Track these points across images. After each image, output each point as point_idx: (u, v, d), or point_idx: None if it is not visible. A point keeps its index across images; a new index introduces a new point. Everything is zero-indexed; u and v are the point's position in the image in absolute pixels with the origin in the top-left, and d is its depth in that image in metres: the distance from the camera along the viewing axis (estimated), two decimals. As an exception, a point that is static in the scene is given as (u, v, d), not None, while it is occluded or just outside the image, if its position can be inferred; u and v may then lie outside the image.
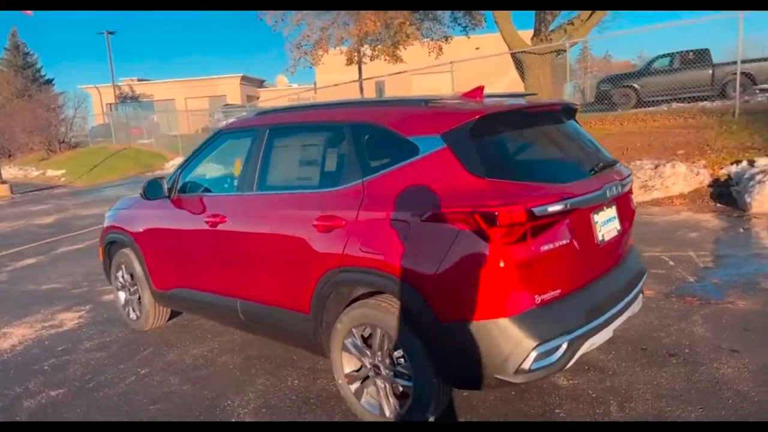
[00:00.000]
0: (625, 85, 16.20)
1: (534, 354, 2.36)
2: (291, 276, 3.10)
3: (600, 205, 2.75)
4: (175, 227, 3.92)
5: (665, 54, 19.33)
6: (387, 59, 15.92)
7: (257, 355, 3.90)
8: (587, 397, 3.00)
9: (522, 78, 12.91)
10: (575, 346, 2.49)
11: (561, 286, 2.52)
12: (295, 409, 3.13)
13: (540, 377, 2.52)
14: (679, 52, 18.30)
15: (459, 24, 16.09)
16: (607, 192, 2.76)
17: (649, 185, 8.38)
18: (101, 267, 5.01)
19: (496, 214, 2.32)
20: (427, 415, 2.65)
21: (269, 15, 14.89)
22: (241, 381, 3.53)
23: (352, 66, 17.82)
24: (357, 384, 2.92)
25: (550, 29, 12.76)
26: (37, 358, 4.22)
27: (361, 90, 19.66)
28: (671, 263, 5.20)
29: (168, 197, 3.94)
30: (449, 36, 16.39)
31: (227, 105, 43.25)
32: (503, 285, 2.36)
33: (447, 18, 15.74)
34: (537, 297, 2.42)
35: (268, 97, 47.64)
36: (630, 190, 3.15)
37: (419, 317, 2.51)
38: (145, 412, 3.25)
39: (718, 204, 7.73)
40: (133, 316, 4.61)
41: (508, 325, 2.36)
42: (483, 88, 3.02)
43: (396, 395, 2.77)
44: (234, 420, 3.08)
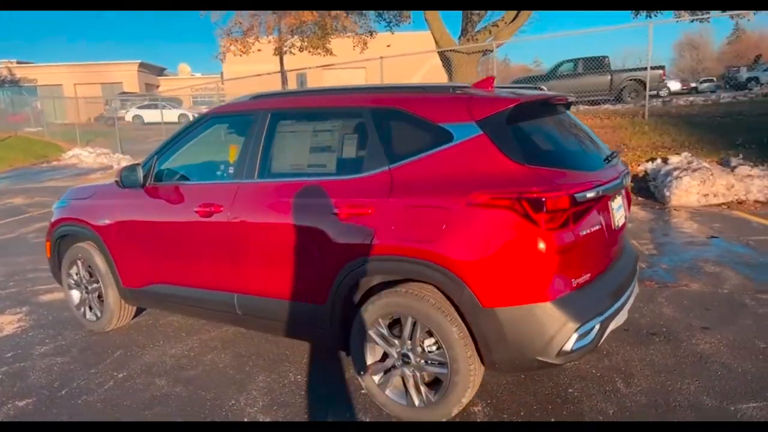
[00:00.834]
0: (534, 87, 17.22)
1: (575, 336, 2.45)
2: (305, 266, 2.98)
3: (616, 193, 2.90)
4: (153, 219, 3.62)
5: (569, 59, 20.80)
6: (311, 51, 15.68)
7: (246, 353, 3.71)
8: (593, 376, 3.15)
9: (450, 76, 13.24)
10: (604, 327, 2.62)
11: (591, 269, 2.63)
12: (310, 405, 3.02)
13: (575, 359, 2.62)
14: (582, 58, 19.76)
15: (384, 20, 16.21)
16: (623, 181, 2.92)
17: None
18: (30, 265, 4.52)
19: (543, 199, 2.38)
20: (462, 402, 2.66)
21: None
22: (239, 379, 3.35)
23: (261, 57, 17.20)
24: (380, 375, 2.87)
25: (476, 30, 13.19)
26: (-18, 367, 3.74)
27: (284, 82, 19.21)
28: (620, 251, 5.58)
29: (142, 186, 3.63)
30: (374, 31, 16.45)
31: (124, 93, 40.59)
32: (547, 269, 2.43)
33: (372, 13, 15.79)
34: (574, 280, 2.52)
35: (170, 87, 45.28)
36: None
37: (461, 303, 2.51)
38: (140, 417, 2.99)
39: (639, 197, 8.40)
40: (91, 316, 4.21)
41: (551, 309, 2.43)
42: (493, 78, 3.08)
43: (426, 384, 2.75)
44: (247, 420, 2.92)
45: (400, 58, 14.37)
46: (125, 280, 3.87)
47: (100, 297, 4.14)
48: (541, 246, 2.40)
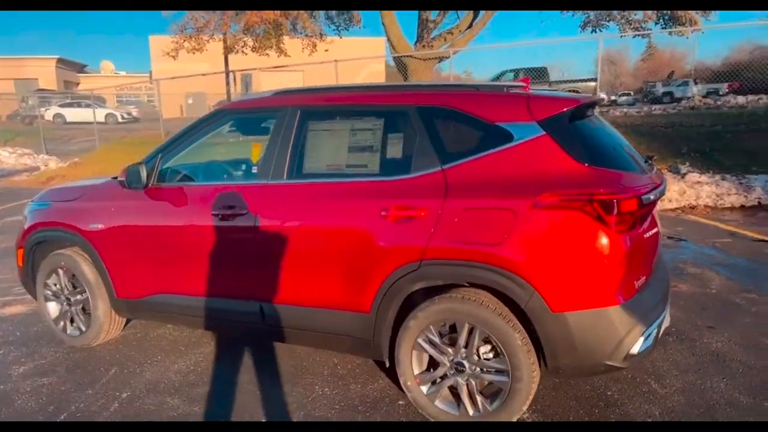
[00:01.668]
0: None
1: (641, 339, 2.44)
2: (347, 272, 2.81)
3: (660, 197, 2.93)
4: (160, 223, 3.31)
5: (511, 69, 21.57)
6: (260, 52, 15.26)
7: (258, 365, 3.46)
8: (626, 378, 3.17)
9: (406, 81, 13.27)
10: (659, 329, 2.63)
11: (645, 272, 2.64)
12: (350, 418, 2.85)
13: (637, 362, 2.61)
14: (523, 68, 20.53)
15: (333, 23, 16.05)
16: (664, 185, 2.96)
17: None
18: None
19: (615, 201, 2.35)
20: (523, 409, 2.59)
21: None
22: (260, 395, 3.11)
23: (193, 57, 16.42)
24: (428, 385, 2.75)
25: (431, 36, 13.31)
26: (-48, 391, 3.28)
27: (229, 82, 18.60)
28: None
29: (144, 187, 3.32)
30: (325, 34, 16.25)
31: (41, 90, 37.96)
32: (616, 272, 2.40)
33: (322, 15, 15.58)
34: (636, 283, 2.51)
35: (92, 85, 42.74)
36: None
37: (529, 309, 2.44)
38: (164, 441, 2.71)
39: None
40: (74, 330, 3.81)
41: (621, 312, 2.41)
42: (529, 80, 3.05)
43: (481, 392, 2.66)
44: (287, 438, 2.71)
45: (332, 65, 14.48)
46: (121, 290, 3.52)
47: (85, 309, 3.75)
48: (612, 248, 2.37)
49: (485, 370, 2.62)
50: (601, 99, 3.09)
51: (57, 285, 3.82)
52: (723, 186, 8.38)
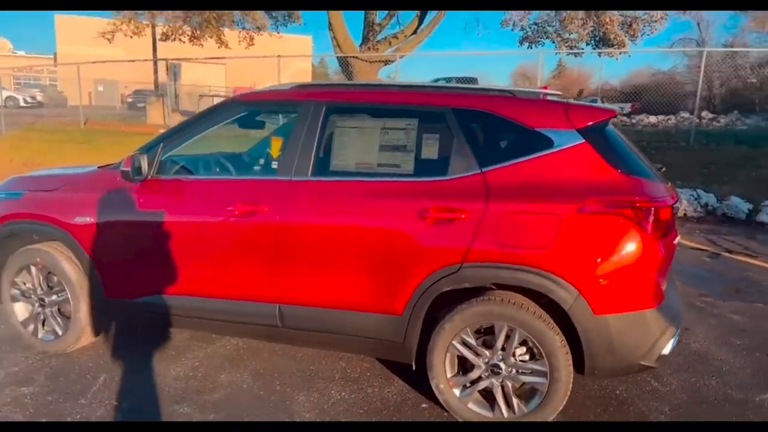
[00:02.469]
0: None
1: (672, 340, 2.58)
2: (379, 273, 2.75)
3: None
4: (164, 219, 3.08)
5: (445, 77, 22.15)
6: (194, 41, 14.64)
7: (264, 370, 3.31)
8: (628, 378, 3.32)
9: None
10: (679, 332, 2.79)
11: (666, 277, 2.79)
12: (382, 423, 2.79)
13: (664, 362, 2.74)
14: (455, 77, 21.14)
15: (272, 17, 15.69)
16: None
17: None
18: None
19: (653, 209, 2.48)
20: (559, 409, 2.65)
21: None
22: (277, 401, 2.98)
23: (103, 42, 15.39)
24: (461, 388, 2.75)
25: (377, 39, 13.35)
26: None
27: (157, 71, 17.68)
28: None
29: (143, 178, 3.08)
30: (262, 28, 15.86)
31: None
32: (653, 276, 2.53)
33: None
34: (663, 287, 2.65)
35: (-12, 65, 38.97)
36: None
37: (573, 311, 2.50)
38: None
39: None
40: (47, 335, 3.46)
41: (656, 315, 2.54)
42: (547, 87, 3.15)
43: (517, 394, 2.69)
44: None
45: (256, 62, 14.47)
46: (111, 290, 3.24)
47: (61, 311, 3.41)
48: (650, 254, 2.50)
49: (521, 371, 2.66)
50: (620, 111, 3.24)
51: (28, 284, 3.44)
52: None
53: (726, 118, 18.08)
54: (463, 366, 2.79)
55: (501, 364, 2.67)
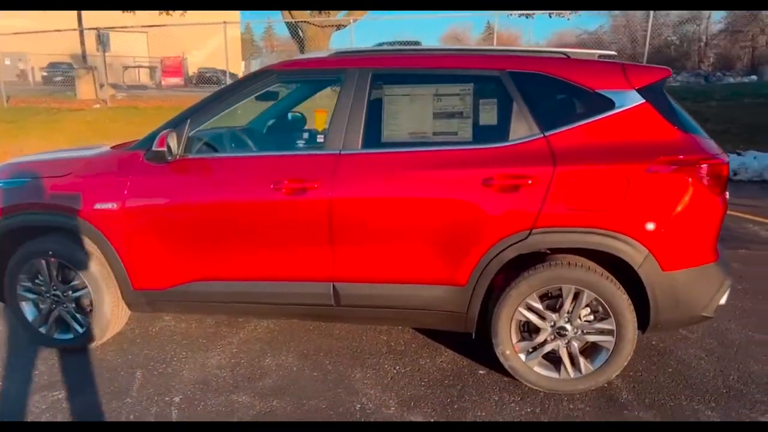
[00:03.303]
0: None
1: (728, 291, 2.70)
2: (441, 244, 2.70)
3: None
4: (200, 200, 2.87)
5: (388, 42, 21.93)
6: (122, 9, 13.62)
7: (308, 350, 3.22)
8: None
9: (301, 49, 12.78)
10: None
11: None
12: (445, 393, 2.78)
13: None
14: (398, 42, 20.94)
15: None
16: None
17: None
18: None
19: (717, 165, 2.55)
20: (622, 366, 2.72)
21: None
22: (335, 380, 2.91)
23: (10, 12, 14.13)
24: (526, 352, 2.78)
25: (327, 3, 12.90)
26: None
27: (84, 41, 16.40)
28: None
29: (170, 159, 2.85)
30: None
31: None
32: (714, 231, 2.62)
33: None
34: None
35: None
36: None
37: (643, 270, 2.56)
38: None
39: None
40: (62, 333, 3.19)
41: (716, 268, 2.65)
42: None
43: (581, 353, 2.75)
44: (399, 420, 2.57)
45: (182, 31, 13.81)
46: (140, 280, 3.01)
47: (80, 307, 3.15)
48: (713, 209, 2.58)
49: (587, 332, 2.71)
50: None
51: (38, 280, 3.14)
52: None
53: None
54: (526, 330, 2.80)
55: (567, 325, 2.70)
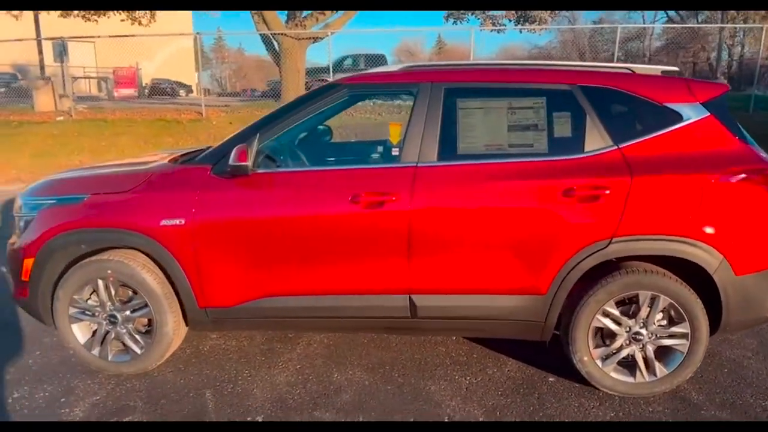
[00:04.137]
0: (321, 79, 17.71)
1: None
2: (521, 254, 2.75)
3: None
4: (275, 214, 2.83)
5: (350, 55, 22.02)
6: (84, 18, 13.18)
7: (370, 364, 3.20)
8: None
9: (276, 61, 12.69)
10: None
11: None
12: (520, 402, 2.82)
13: None
14: (363, 54, 21.02)
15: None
16: None
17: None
18: None
19: (781, 174, 2.71)
20: (696, 367, 2.83)
21: None
22: (413, 393, 2.90)
23: None
24: (602, 358, 2.85)
25: (303, 15, 12.88)
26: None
27: (42, 51, 15.77)
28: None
29: (247, 173, 2.80)
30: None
31: None
32: None
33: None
34: None
35: None
36: None
37: (717, 274, 2.68)
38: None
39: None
40: (119, 356, 3.06)
41: None
42: None
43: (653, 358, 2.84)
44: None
45: (135, 42, 14.15)
46: (206, 298, 2.92)
47: (138, 327, 3.03)
48: (776, 215, 2.73)
49: (661, 336, 2.81)
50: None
51: (91, 300, 3.01)
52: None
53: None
54: (600, 337, 2.88)
55: (642, 330, 2.79)
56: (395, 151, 2.95)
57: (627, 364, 2.87)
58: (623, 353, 2.84)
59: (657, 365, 2.82)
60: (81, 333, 3.05)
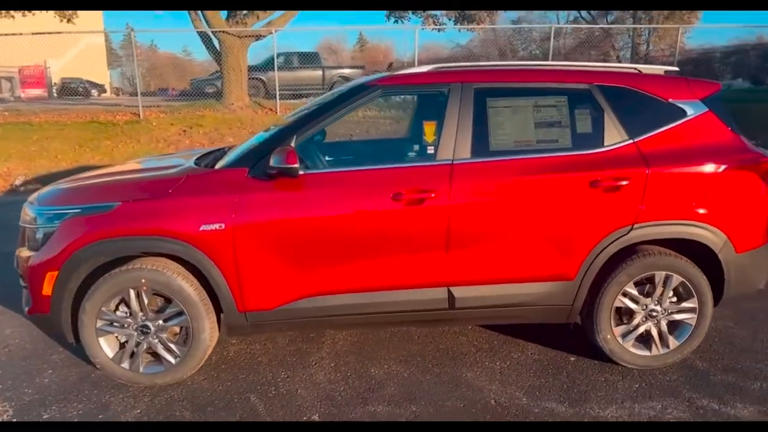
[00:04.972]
0: (254, 77, 17.35)
1: None
2: (552, 243, 2.95)
3: None
4: (316, 214, 2.85)
5: (282, 53, 21.64)
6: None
7: (400, 357, 3.30)
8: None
9: (217, 60, 12.36)
10: None
11: None
12: (554, 381, 3.03)
13: None
14: (297, 52, 20.72)
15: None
16: None
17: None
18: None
19: (768, 163, 3.07)
20: (702, 337, 3.14)
21: None
22: (453, 381, 3.03)
23: None
24: (622, 335, 3.10)
25: (244, 13, 12.61)
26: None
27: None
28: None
29: (296, 175, 2.81)
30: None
31: None
32: None
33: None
34: None
35: None
36: None
37: (722, 253, 3.00)
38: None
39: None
40: (151, 366, 2.97)
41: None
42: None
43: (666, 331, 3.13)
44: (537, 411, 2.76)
45: (37, 41, 13.72)
46: (246, 302, 2.90)
47: (173, 336, 2.96)
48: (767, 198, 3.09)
49: (672, 311, 3.10)
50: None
51: (121, 311, 2.90)
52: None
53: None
54: (619, 316, 3.13)
55: (657, 307, 3.08)
56: (430, 149, 3.05)
57: (643, 339, 3.14)
58: (641, 329, 3.11)
59: (670, 338, 3.11)
60: (109, 346, 2.93)
